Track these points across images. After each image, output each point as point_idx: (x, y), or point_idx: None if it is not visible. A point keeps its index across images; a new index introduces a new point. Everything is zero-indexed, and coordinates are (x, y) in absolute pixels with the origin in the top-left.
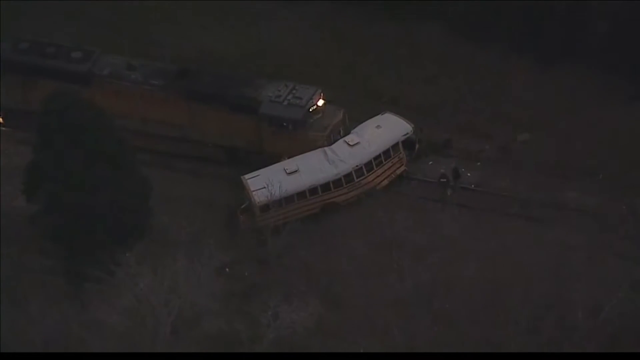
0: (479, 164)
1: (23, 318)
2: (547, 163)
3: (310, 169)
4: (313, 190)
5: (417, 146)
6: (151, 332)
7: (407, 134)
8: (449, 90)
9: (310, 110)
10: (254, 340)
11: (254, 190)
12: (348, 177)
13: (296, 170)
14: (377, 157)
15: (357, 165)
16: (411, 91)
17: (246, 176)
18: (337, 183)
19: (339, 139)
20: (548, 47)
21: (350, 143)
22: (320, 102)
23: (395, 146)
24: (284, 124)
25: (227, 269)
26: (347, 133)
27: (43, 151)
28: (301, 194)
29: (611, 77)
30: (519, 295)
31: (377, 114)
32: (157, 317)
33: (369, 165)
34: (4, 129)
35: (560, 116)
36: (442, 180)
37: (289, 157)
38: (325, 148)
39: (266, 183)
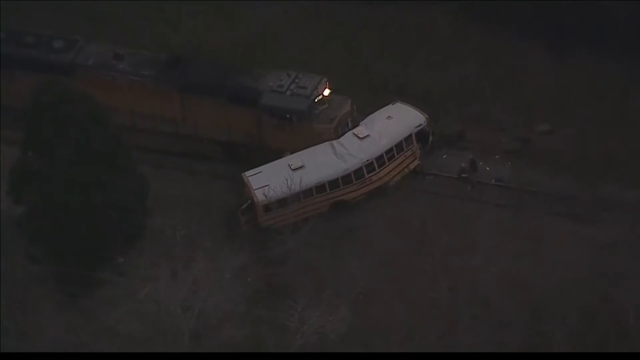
0: (497, 157)
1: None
2: (572, 155)
3: (316, 164)
4: (320, 188)
5: (431, 138)
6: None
7: (421, 125)
8: (458, 77)
9: (316, 100)
10: (280, 348)
11: (255, 189)
12: (358, 172)
13: (301, 166)
14: (389, 151)
15: (367, 160)
16: (418, 79)
17: (247, 173)
18: (346, 179)
19: (347, 132)
20: (563, 31)
21: (360, 136)
22: (326, 92)
23: (408, 138)
24: (287, 115)
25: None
26: (355, 125)
27: (32, 148)
28: (307, 192)
29: (632, 62)
30: (562, 296)
31: (383, 105)
32: (165, 323)
33: (380, 160)
34: None
35: (580, 104)
36: (462, 175)
37: (293, 152)
38: (333, 141)
39: (269, 180)
